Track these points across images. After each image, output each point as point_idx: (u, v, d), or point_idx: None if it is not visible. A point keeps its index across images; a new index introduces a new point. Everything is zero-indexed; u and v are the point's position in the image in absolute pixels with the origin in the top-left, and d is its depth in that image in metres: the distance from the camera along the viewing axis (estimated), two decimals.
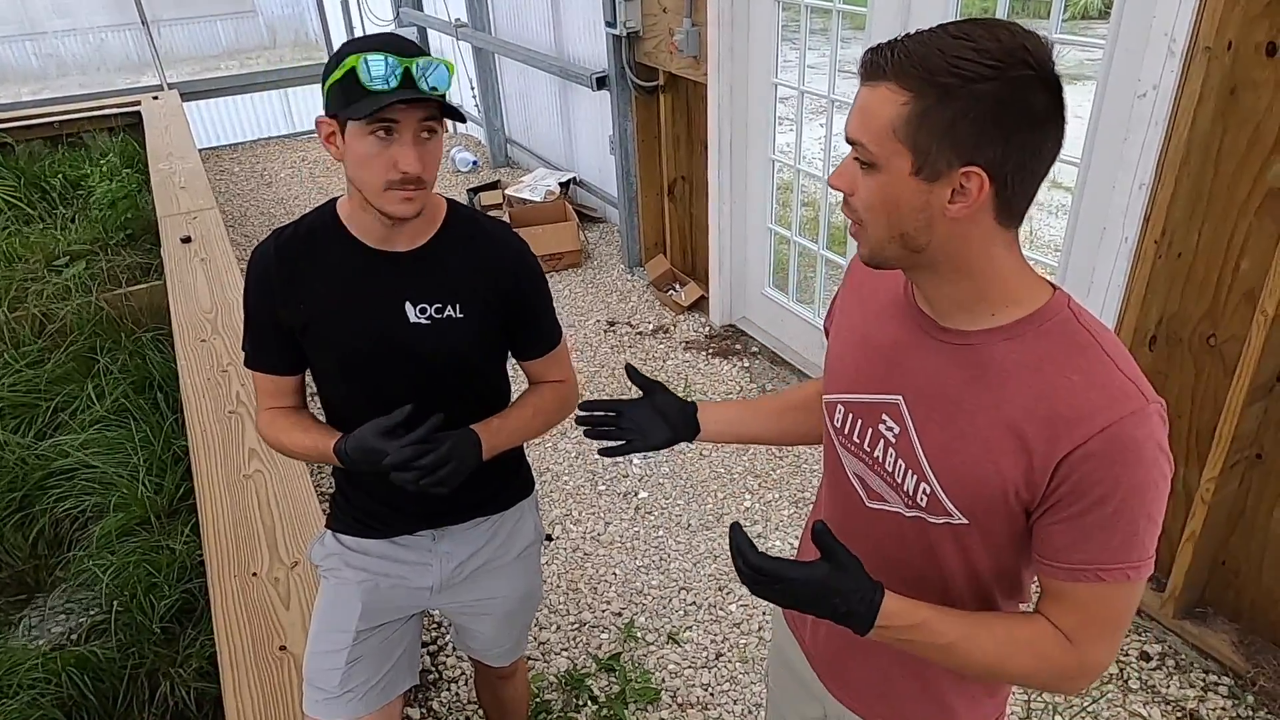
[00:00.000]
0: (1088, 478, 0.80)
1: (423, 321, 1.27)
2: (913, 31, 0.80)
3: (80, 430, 2.90)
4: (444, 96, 1.15)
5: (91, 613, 2.36)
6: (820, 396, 1.23)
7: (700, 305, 4.11)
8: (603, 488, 3.01)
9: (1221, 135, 1.86)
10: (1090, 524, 0.82)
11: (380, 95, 1.11)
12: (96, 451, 2.78)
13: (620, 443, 1.22)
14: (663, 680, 2.28)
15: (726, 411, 1.26)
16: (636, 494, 2.97)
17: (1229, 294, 1.96)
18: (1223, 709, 2.09)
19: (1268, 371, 1.91)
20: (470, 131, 6.89)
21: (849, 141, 0.82)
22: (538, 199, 4.95)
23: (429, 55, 1.14)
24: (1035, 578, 0.96)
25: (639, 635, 2.42)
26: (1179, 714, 2.10)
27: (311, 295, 1.27)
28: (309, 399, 1.42)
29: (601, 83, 4.24)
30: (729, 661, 2.33)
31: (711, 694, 2.24)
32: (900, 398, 0.94)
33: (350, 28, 7.45)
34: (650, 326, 4.03)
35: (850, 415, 1.00)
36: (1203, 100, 1.83)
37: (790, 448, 3.14)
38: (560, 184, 5.11)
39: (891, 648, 0.93)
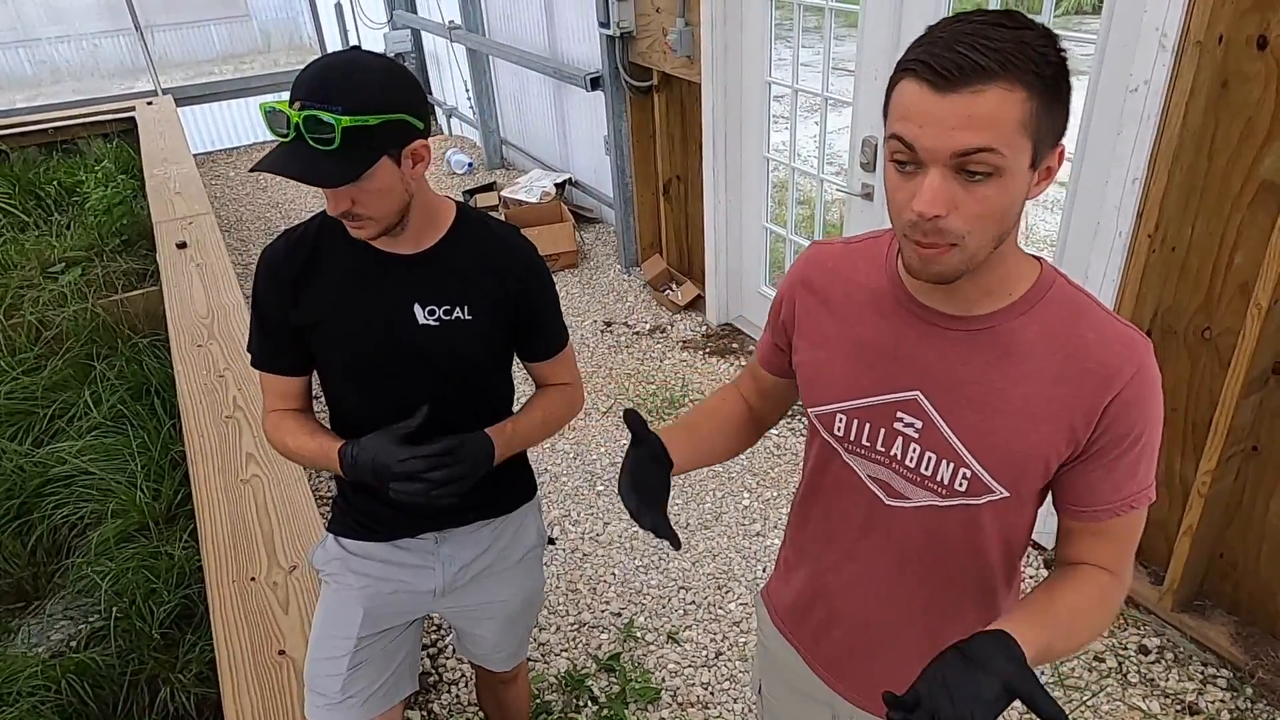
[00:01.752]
0: (1124, 421, 0.88)
1: (431, 323, 1.28)
2: (949, 31, 0.77)
3: (78, 437, 2.90)
4: (338, 148, 1.09)
5: (91, 619, 2.35)
6: (745, 407, 1.21)
7: (697, 304, 4.11)
8: (601, 488, 3.01)
9: (1214, 129, 1.87)
10: (1127, 463, 0.90)
11: (276, 149, 1.12)
12: (94, 458, 2.78)
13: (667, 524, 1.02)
14: (663, 680, 2.28)
15: (678, 441, 1.11)
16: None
17: (1223, 287, 1.97)
18: (1221, 701, 2.10)
19: (1262, 364, 1.92)
20: (465, 133, 6.89)
21: (957, 155, 0.76)
22: (533, 200, 4.95)
23: (326, 105, 1.08)
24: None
25: (638, 635, 2.42)
26: (1178, 707, 2.10)
27: (321, 295, 1.27)
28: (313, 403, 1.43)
29: (596, 83, 4.24)
30: (729, 660, 2.33)
31: (711, 693, 2.24)
32: (917, 392, 0.94)
33: (344, 31, 7.45)
34: (647, 326, 4.03)
35: (855, 421, 0.99)
36: (1194, 94, 1.84)
37: (786, 447, 3.14)
38: (556, 185, 5.11)
39: (915, 638, 1.00)
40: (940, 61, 0.76)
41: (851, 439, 1.01)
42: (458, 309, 1.29)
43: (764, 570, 2.61)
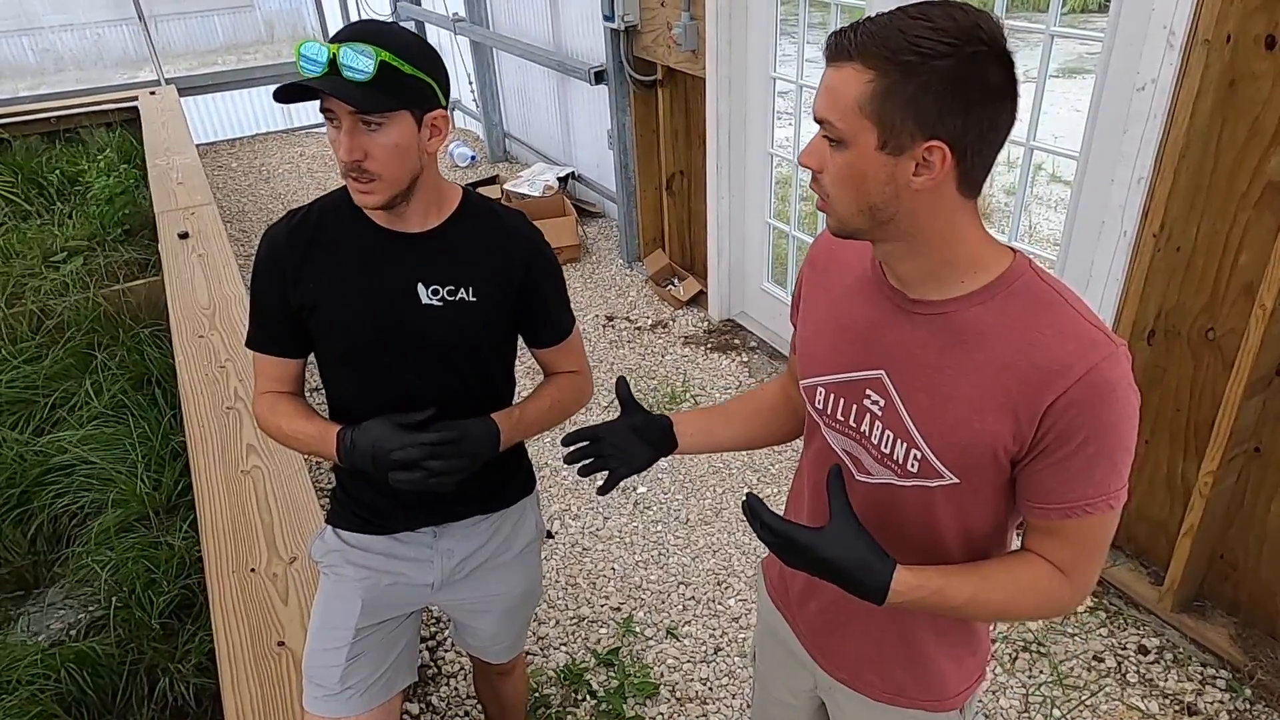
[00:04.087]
0: (1072, 423, 0.86)
1: (435, 303, 1.27)
2: (873, 15, 0.83)
3: (78, 426, 2.90)
4: (369, 80, 1.10)
5: (90, 609, 2.36)
6: (784, 396, 1.27)
7: (699, 300, 4.10)
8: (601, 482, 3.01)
9: (1220, 128, 1.86)
10: (1078, 465, 0.88)
11: (302, 80, 1.12)
12: (94, 448, 2.78)
13: (605, 472, 1.22)
14: (661, 675, 2.28)
15: (698, 421, 1.26)
16: (635, 489, 2.97)
17: (1228, 287, 1.96)
18: (1220, 702, 2.10)
19: (1266, 365, 1.91)
20: (468, 126, 6.88)
21: (817, 120, 0.86)
22: (536, 194, 4.94)
23: (372, 43, 1.10)
24: (1019, 524, 1.02)
25: (638, 630, 2.42)
26: (1177, 707, 2.10)
27: (323, 275, 1.26)
28: (309, 394, 1.42)
29: (599, 77, 4.23)
30: (728, 656, 2.33)
31: (710, 688, 2.24)
32: (883, 372, 0.97)
33: (348, 21, 7.43)
34: (649, 321, 4.03)
35: (832, 395, 1.04)
36: (1201, 93, 1.83)
37: (790, 444, 3.13)
38: (559, 179, 5.10)
39: (880, 621, 1.00)
40: (831, 37, 0.85)
41: (829, 413, 1.05)
42: (462, 290, 1.28)
43: None
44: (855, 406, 1.01)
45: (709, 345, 3.80)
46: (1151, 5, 1.85)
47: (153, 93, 5.87)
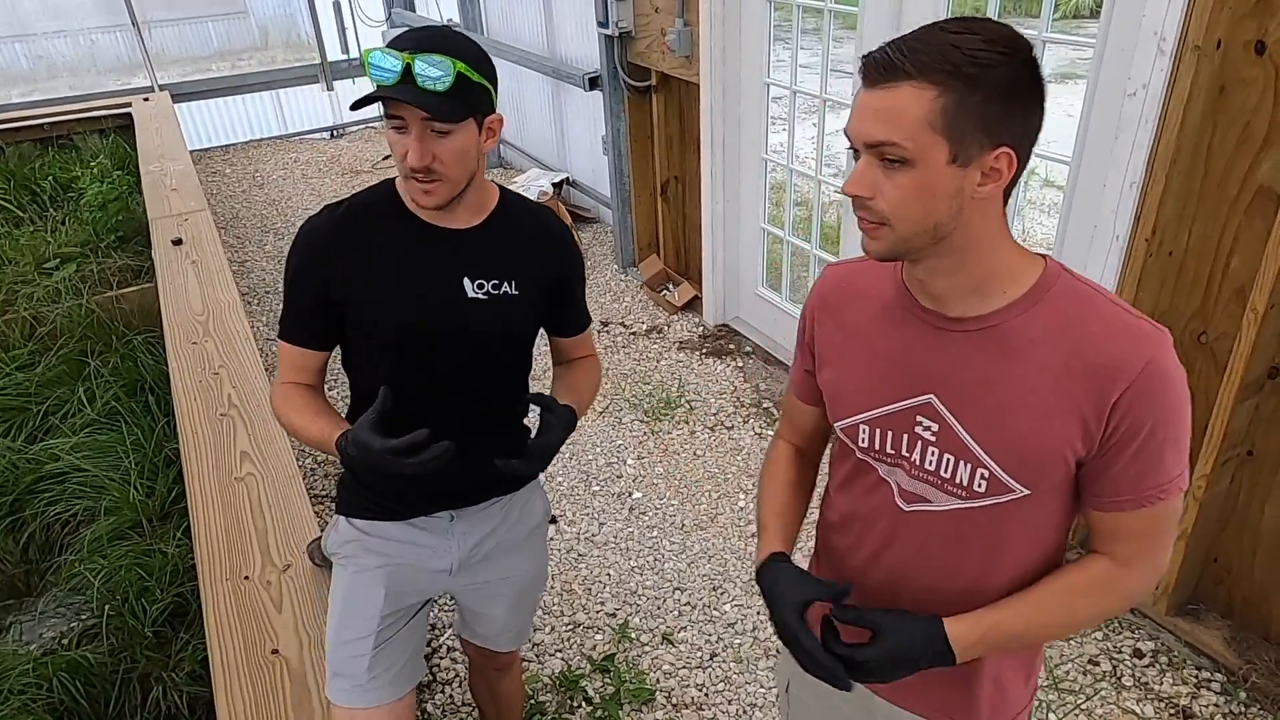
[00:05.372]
0: (1140, 415, 0.87)
1: (481, 297, 1.31)
2: (902, 34, 0.84)
3: (71, 434, 2.88)
4: (446, 90, 1.15)
5: (83, 617, 2.34)
6: (797, 459, 1.23)
7: (694, 305, 4.10)
8: (597, 488, 3.01)
9: (1211, 133, 1.87)
10: (1148, 455, 0.89)
11: (380, 90, 1.16)
12: (88, 455, 2.76)
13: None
14: (657, 681, 2.28)
15: (790, 531, 1.15)
16: (630, 494, 2.96)
17: (1219, 291, 1.97)
18: (1215, 705, 2.10)
19: (1258, 369, 1.92)
20: None
21: (869, 146, 0.85)
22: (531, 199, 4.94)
23: (445, 53, 1.15)
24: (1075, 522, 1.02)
25: (633, 636, 2.42)
26: (1172, 711, 2.10)
27: (369, 269, 1.29)
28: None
29: (594, 83, 4.24)
30: (723, 661, 2.33)
31: (706, 694, 2.24)
32: (931, 396, 0.96)
33: (342, 28, 7.42)
34: (644, 327, 4.03)
35: (877, 430, 1.02)
36: (1192, 99, 1.84)
37: None
38: (553, 184, 5.10)
39: None
40: (871, 60, 0.84)
41: (876, 449, 1.03)
42: (506, 284, 1.33)
43: None
44: (906, 436, 0.99)
45: (704, 350, 3.80)
46: (1142, 11, 1.86)
47: (146, 99, 5.86)
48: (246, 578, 1.84)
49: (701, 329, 3.97)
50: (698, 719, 2.17)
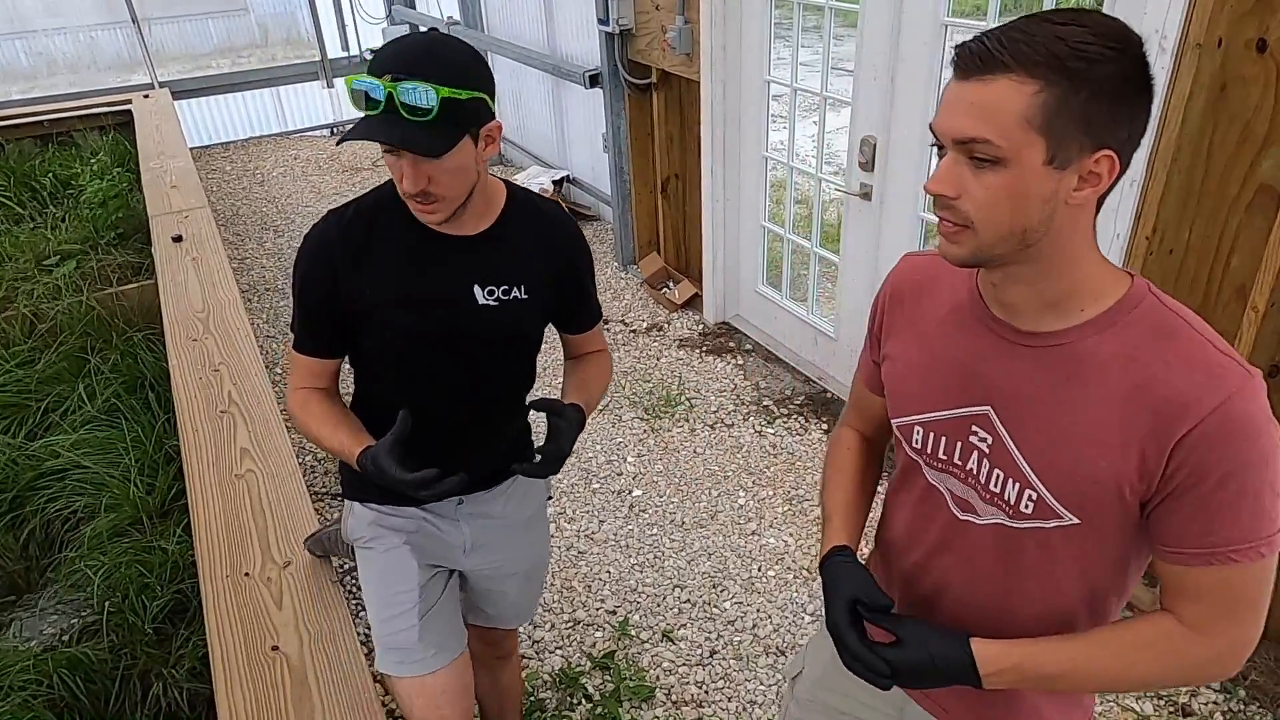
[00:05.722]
0: (1206, 459, 0.80)
1: (491, 303, 1.31)
2: (1007, 25, 0.78)
3: (71, 430, 2.88)
4: (433, 119, 1.10)
5: (83, 614, 2.34)
6: (864, 447, 1.20)
7: (694, 303, 4.10)
8: (597, 485, 3.01)
9: (1212, 132, 1.87)
10: (1216, 505, 0.81)
11: (363, 120, 1.13)
12: (87, 452, 2.76)
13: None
14: (657, 678, 2.28)
15: (855, 524, 1.12)
16: (631, 492, 2.96)
17: (1220, 290, 1.97)
18: (1214, 703, 2.10)
19: (1259, 367, 1.92)
20: None
21: (958, 142, 0.79)
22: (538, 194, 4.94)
23: (427, 76, 1.09)
24: (1139, 576, 0.95)
25: (633, 633, 2.42)
26: (1171, 709, 2.10)
27: (379, 278, 1.28)
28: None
29: (594, 80, 4.23)
30: (723, 659, 2.33)
31: (706, 691, 2.24)
32: (988, 408, 0.92)
33: (343, 25, 7.42)
34: (644, 324, 4.03)
35: (931, 434, 0.99)
36: (1193, 97, 1.84)
37: (783, 446, 3.14)
38: (554, 182, 5.10)
39: None
40: (965, 49, 0.78)
41: (929, 452, 1.00)
42: (515, 289, 1.32)
43: (759, 569, 2.61)
44: (960, 444, 0.95)
45: (704, 348, 3.80)
46: (1143, 9, 1.86)
47: (146, 96, 5.86)
48: (247, 574, 1.84)
49: (701, 327, 3.97)
50: (697, 716, 2.18)
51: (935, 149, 0.83)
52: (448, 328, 1.30)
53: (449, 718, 1.42)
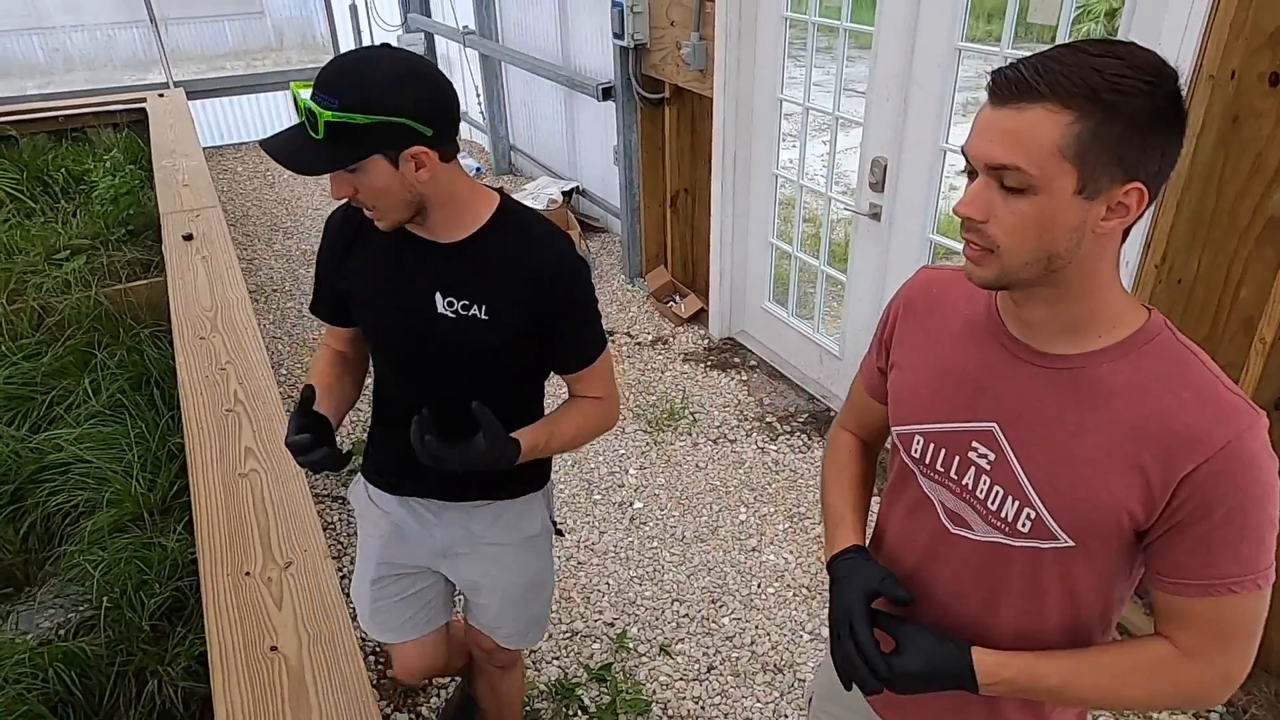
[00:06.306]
0: (1213, 495, 0.81)
1: (449, 314, 1.31)
2: (1035, 53, 0.79)
3: (75, 425, 2.88)
4: (323, 138, 1.12)
5: (81, 608, 2.34)
6: (862, 450, 1.21)
7: (700, 317, 4.11)
8: (598, 497, 3.00)
9: (1223, 163, 1.88)
10: (1218, 539, 0.83)
11: (285, 130, 1.21)
12: (91, 446, 2.76)
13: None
14: (654, 692, 2.27)
15: (864, 525, 1.15)
16: (632, 504, 2.96)
17: (1228, 321, 1.97)
18: None
19: (1265, 398, 1.92)
20: (474, 138, 6.91)
21: (990, 168, 0.80)
22: (540, 208, 4.95)
23: (325, 97, 1.12)
24: (1129, 604, 0.97)
25: (631, 646, 2.41)
26: None
27: (362, 267, 1.36)
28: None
29: (607, 93, 4.26)
30: (721, 675, 2.32)
31: (702, 707, 2.23)
32: (994, 425, 0.92)
33: (358, 31, 7.48)
34: (649, 337, 4.04)
35: (931, 445, 0.99)
36: (1205, 128, 1.85)
37: (785, 463, 3.14)
38: (563, 193, 5.12)
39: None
40: (1001, 76, 0.79)
41: (925, 462, 1.00)
42: (475, 306, 1.29)
43: (758, 586, 2.60)
44: (958, 459, 0.96)
45: (709, 363, 3.81)
46: (1158, 40, 1.87)
47: (161, 95, 5.89)
48: (247, 573, 1.84)
49: (707, 341, 3.98)
50: None
51: (966, 173, 0.84)
52: (408, 326, 1.34)
53: (419, 669, 1.72)
